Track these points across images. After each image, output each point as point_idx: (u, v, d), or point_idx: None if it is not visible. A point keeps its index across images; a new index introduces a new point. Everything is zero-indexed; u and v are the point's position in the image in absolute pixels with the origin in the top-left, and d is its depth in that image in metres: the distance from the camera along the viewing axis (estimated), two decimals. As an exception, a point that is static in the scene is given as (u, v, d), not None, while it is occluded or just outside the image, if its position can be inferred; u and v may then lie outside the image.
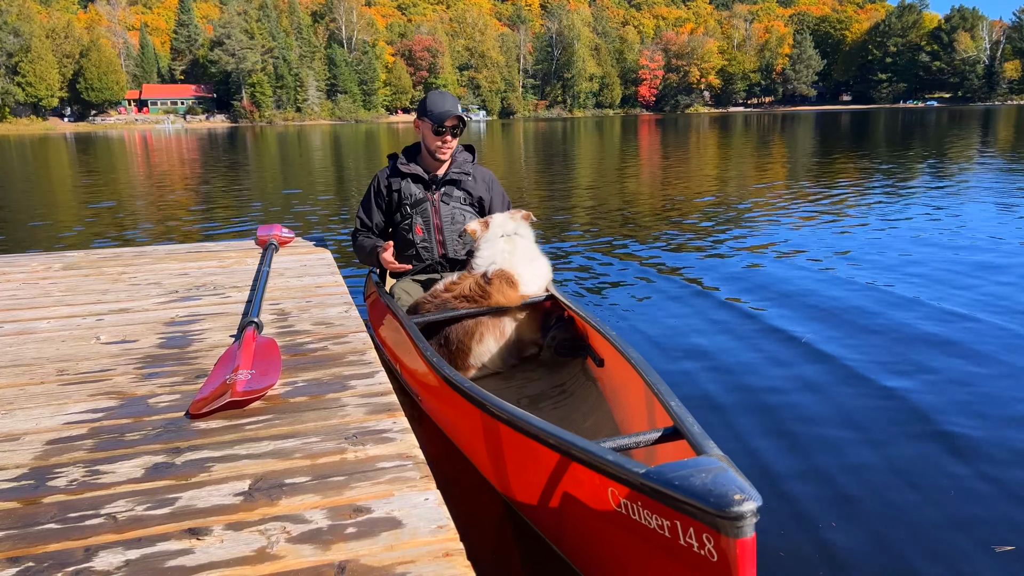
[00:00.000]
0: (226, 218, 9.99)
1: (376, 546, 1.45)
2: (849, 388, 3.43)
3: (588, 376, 2.97)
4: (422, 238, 3.65)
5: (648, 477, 1.48)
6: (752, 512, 1.32)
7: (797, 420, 3.12)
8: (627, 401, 2.54)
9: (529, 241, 3.34)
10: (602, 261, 6.50)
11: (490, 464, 2.29)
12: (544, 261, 3.33)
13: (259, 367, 2.31)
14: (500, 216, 3.42)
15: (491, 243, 3.29)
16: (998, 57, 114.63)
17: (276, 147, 33.42)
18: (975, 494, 2.48)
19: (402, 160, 3.72)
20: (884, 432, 3.00)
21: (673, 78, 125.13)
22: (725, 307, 4.88)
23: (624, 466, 1.56)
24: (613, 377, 2.73)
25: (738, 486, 1.36)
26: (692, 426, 1.82)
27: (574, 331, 3.03)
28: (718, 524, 1.34)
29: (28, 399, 2.21)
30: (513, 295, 3.10)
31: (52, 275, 3.90)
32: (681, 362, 3.86)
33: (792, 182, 12.86)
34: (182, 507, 1.59)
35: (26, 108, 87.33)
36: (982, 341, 4.01)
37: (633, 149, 25.40)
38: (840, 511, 2.41)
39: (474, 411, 2.24)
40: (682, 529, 1.44)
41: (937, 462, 2.73)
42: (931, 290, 5.10)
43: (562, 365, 3.12)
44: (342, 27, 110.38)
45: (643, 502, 1.53)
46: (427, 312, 3.12)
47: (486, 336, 3.07)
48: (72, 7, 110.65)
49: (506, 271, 3.13)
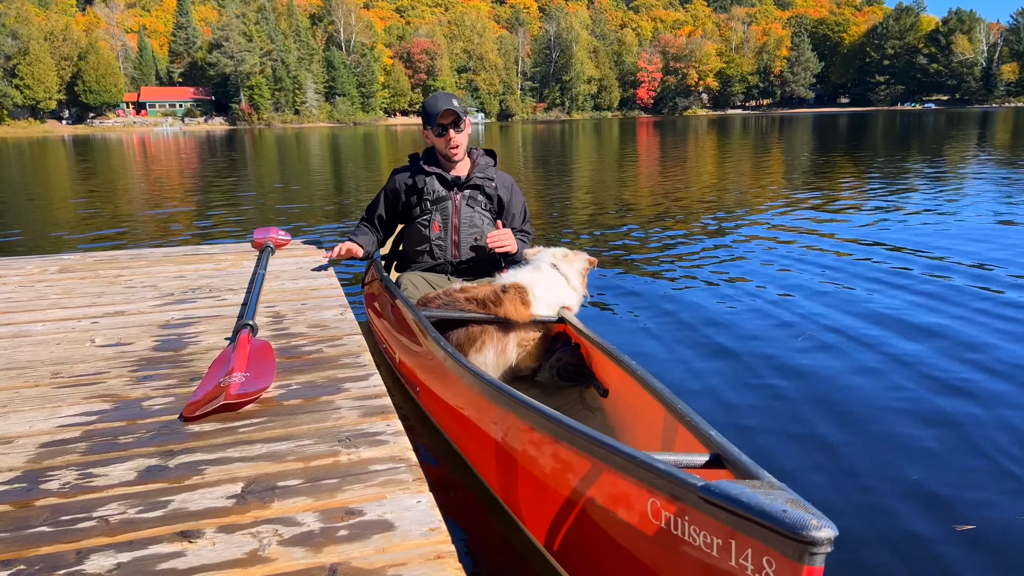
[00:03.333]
0: (223, 221, 9.98)
1: (368, 548, 1.45)
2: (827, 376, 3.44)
3: (586, 405, 2.86)
4: (438, 235, 3.62)
5: (708, 491, 1.37)
6: (829, 540, 1.22)
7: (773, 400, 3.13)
8: (640, 434, 2.39)
9: (566, 277, 3.23)
10: (602, 263, 6.50)
11: (494, 465, 2.20)
12: (568, 295, 3.20)
13: (253, 370, 2.31)
14: (558, 250, 3.36)
15: (530, 266, 3.26)
16: (995, 60, 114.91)
17: (274, 150, 33.43)
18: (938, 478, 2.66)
19: (425, 159, 3.71)
20: (856, 417, 3.06)
21: (671, 80, 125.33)
22: (722, 309, 4.88)
23: (679, 477, 1.46)
24: (619, 407, 2.61)
25: (814, 512, 1.26)
26: (739, 456, 1.68)
27: (579, 357, 2.94)
28: (788, 547, 1.24)
29: (22, 402, 2.21)
30: (524, 312, 3.03)
31: (48, 278, 3.89)
32: (688, 365, 3.86)
33: (791, 185, 12.88)
34: (174, 510, 1.60)
35: (24, 111, 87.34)
36: (976, 332, 4.02)
37: (631, 152, 25.43)
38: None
39: (489, 407, 2.12)
40: (737, 549, 1.35)
41: (904, 444, 2.83)
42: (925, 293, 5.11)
43: (559, 391, 3.01)
44: (340, 30, 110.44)
45: (691, 516, 1.43)
46: (434, 307, 3.07)
47: (487, 346, 3.01)
48: (70, 10, 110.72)
49: (523, 286, 3.07)
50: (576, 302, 3.23)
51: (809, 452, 2.89)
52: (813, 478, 2.68)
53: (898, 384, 3.51)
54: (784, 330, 4.38)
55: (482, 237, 3.62)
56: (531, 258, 3.34)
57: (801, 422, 3.15)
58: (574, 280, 3.25)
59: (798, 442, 2.97)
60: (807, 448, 2.92)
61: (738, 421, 3.18)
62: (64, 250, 7.47)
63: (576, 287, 3.24)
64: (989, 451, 2.84)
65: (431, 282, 3.58)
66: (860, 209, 9.48)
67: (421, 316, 2.85)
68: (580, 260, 3.31)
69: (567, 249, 3.39)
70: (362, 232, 3.88)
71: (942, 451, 2.86)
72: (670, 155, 22.59)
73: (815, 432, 3.05)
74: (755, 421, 3.18)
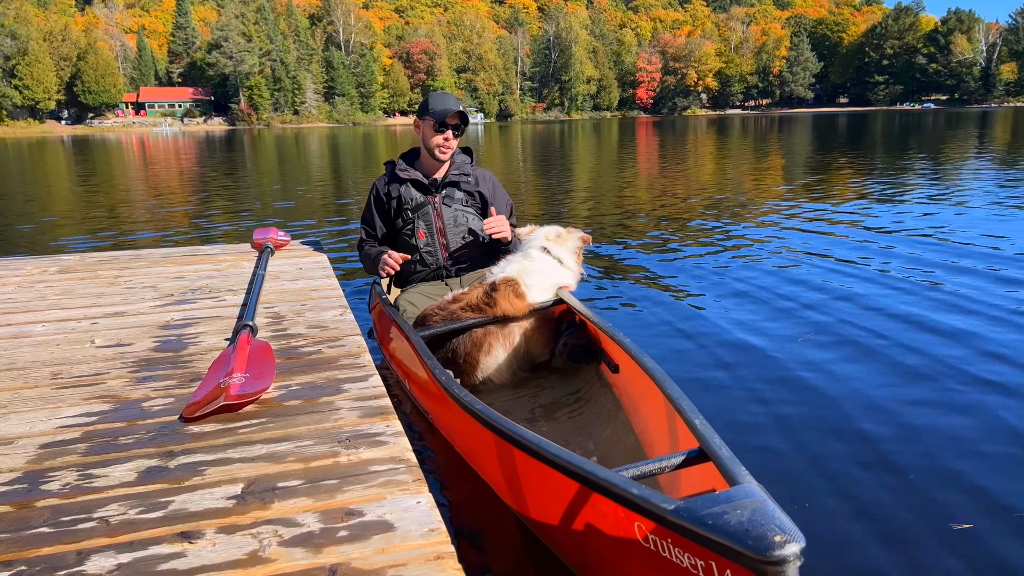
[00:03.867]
0: (222, 221, 9.98)
1: (367, 549, 1.46)
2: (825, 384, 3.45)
3: (603, 382, 2.88)
4: (425, 242, 3.59)
5: (678, 514, 1.36)
6: (795, 555, 1.22)
7: (760, 402, 3.14)
8: (646, 411, 2.44)
9: (559, 259, 3.23)
10: (603, 262, 6.51)
11: (506, 487, 2.18)
12: (563, 275, 3.21)
13: (253, 371, 2.32)
14: (550, 229, 3.33)
15: (516, 252, 3.26)
16: (994, 59, 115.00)
17: (273, 150, 33.42)
18: (935, 480, 2.67)
19: (401, 166, 3.66)
20: (851, 422, 3.07)
21: (670, 80, 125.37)
22: (722, 309, 4.89)
23: (651, 500, 1.44)
24: (629, 385, 2.64)
25: (778, 525, 1.26)
26: (720, 448, 1.69)
27: (586, 336, 2.94)
28: (758, 568, 1.24)
29: (22, 403, 2.21)
30: (520, 304, 3.02)
31: (47, 279, 3.90)
32: (689, 363, 3.87)
33: (791, 185, 12.89)
34: (175, 511, 1.60)
35: (23, 111, 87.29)
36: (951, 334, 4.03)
37: (631, 152, 25.44)
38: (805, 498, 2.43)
39: (487, 434, 2.12)
40: (718, 570, 1.35)
41: (897, 450, 2.84)
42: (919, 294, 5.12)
43: (576, 371, 3.03)
44: (340, 30, 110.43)
45: (673, 539, 1.43)
46: (434, 324, 3.04)
47: (495, 347, 3.00)
48: (69, 10, 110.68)
49: (513, 279, 3.06)
50: (573, 281, 3.23)
51: (800, 447, 2.89)
52: (803, 474, 2.69)
53: (893, 381, 3.51)
54: (783, 328, 4.38)
55: (470, 234, 3.60)
56: (523, 239, 3.32)
57: (793, 416, 3.16)
58: (568, 260, 3.24)
59: (787, 435, 2.98)
60: (798, 443, 2.93)
61: (732, 415, 3.19)
62: (64, 251, 7.47)
63: (571, 267, 3.24)
64: (986, 447, 2.84)
65: (429, 295, 3.54)
66: (861, 208, 9.48)
67: (418, 340, 2.79)
68: (573, 239, 3.30)
69: (560, 228, 3.37)
70: (380, 248, 3.74)
71: (940, 446, 2.86)
72: (670, 155, 22.60)
73: (807, 425, 3.06)
74: (747, 415, 3.19)
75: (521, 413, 2.90)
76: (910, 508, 2.46)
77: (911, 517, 2.41)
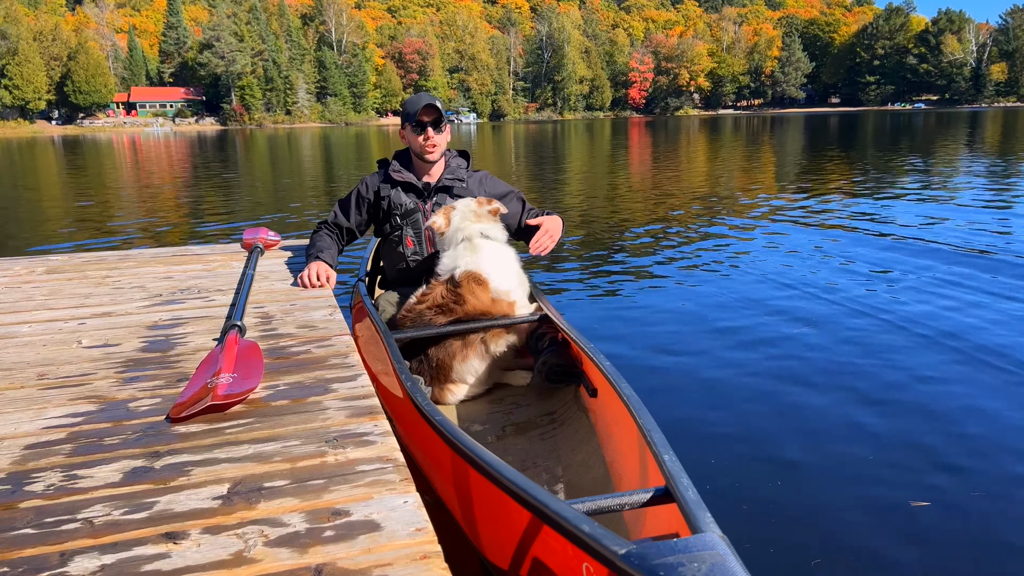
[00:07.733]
0: (213, 221, 9.95)
1: (353, 549, 1.45)
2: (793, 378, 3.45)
3: (580, 406, 2.75)
4: (413, 250, 3.48)
5: (628, 560, 1.23)
6: None
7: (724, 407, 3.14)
8: (619, 439, 2.31)
9: (497, 243, 3.17)
10: (594, 264, 6.51)
11: (459, 508, 2.04)
12: (511, 256, 3.17)
13: (241, 370, 2.30)
14: (464, 205, 3.22)
15: (451, 246, 3.15)
16: (984, 60, 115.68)
17: (265, 150, 33.32)
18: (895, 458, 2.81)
19: (395, 167, 3.53)
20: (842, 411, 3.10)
21: (663, 80, 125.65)
22: (720, 310, 4.90)
23: (601, 541, 1.31)
24: (605, 410, 2.50)
25: None
26: (686, 490, 1.57)
27: (567, 356, 2.82)
28: None
29: (7, 403, 2.19)
30: (484, 296, 2.97)
31: (35, 279, 3.87)
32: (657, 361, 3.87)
33: (783, 186, 12.93)
34: (160, 511, 1.59)
35: (13, 111, 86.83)
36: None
37: (623, 152, 25.46)
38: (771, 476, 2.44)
39: (445, 449, 2.00)
40: None
41: (861, 432, 2.94)
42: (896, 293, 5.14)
43: (553, 391, 2.92)
44: (332, 30, 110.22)
45: None
46: (406, 327, 2.96)
47: (470, 356, 2.94)
48: (60, 9, 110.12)
49: (472, 271, 3.00)
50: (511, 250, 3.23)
51: (781, 448, 2.90)
52: (780, 485, 2.68)
53: (887, 377, 3.53)
54: (774, 326, 4.39)
55: None
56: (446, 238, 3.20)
57: (777, 423, 3.17)
58: (500, 235, 3.23)
59: (762, 451, 2.97)
60: (782, 444, 2.93)
61: (714, 423, 3.19)
62: (52, 251, 7.43)
63: (500, 237, 3.22)
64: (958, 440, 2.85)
65: (407, 296, 3.40)
66: (851, 206, 9.52)
67: (392, 342, 2.70)
68: (485, 212, 3.23)
69: (472, 204, 3.25)
70: (326, 245, 3.62)
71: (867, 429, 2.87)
72: (662, 155, 22.63)
73: (787, 439, 3.06)
74: (728, 424, 3.18)
75: (493, 430, 2.81)
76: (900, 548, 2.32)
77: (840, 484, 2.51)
